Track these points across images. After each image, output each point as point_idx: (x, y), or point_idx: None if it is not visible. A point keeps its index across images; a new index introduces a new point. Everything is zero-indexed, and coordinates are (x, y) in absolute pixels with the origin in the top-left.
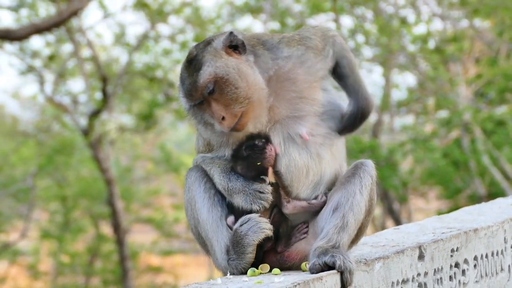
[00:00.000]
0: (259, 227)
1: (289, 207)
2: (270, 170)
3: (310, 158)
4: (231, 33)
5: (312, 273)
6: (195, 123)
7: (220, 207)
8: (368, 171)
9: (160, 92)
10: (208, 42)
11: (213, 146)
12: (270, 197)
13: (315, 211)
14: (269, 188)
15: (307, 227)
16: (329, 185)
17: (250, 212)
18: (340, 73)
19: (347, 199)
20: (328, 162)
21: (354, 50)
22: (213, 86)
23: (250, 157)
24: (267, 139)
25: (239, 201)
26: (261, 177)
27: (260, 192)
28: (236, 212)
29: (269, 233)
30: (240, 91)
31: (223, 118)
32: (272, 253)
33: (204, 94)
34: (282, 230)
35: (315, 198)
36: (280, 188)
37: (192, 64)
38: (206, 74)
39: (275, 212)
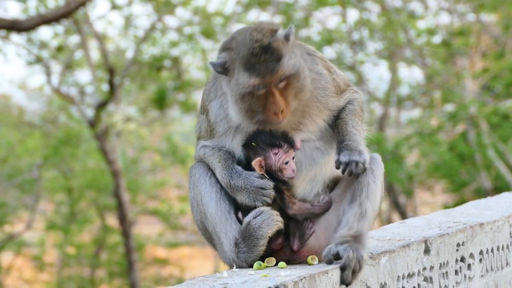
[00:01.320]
0: (272, 220)
1: (294, 208)
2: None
3: (304, 156)
4: (290, 27)
5: (324, 260)
6: (236, 103)
7: (228, 201)
8: (378, 163)
9: (173, 79)
10: (271, 32)
11: (216, 133)
12: (272, 192)
13: (319, 213)
14: (271, 183)
15: (311, 222)
16: (327, 182)
17: (255, 207)
18: (340, 117)
19: (361, 189)
20: (324, 164)
21: (359, 43)
22: (287, 79)
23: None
24: (290, 144)
25: (242, 198)
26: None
27: (263, 189)
28: (240, 206)
29: (281, 225)
30: (305, 88)
31: (281, 111)
32: (283, 251)
33: (276, 84)
34: (292, 226)
35: (317, 196)
36: (285, 190)
37: (269, 52)
38: (288, 66)
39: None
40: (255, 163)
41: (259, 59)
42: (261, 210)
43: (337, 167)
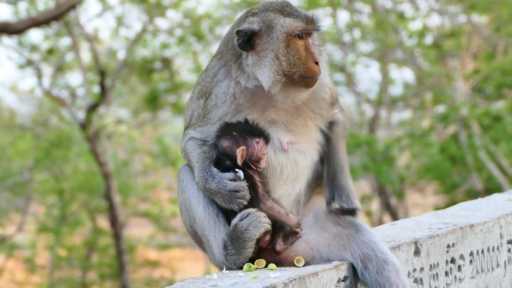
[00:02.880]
0: (259, 222)
1: (266, 205)
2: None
3: (285, 159)
4: None
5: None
6: (276, 59)
7: (216, 204)
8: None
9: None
10: None
11: (209, 119)
12: (247, 194)
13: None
14: (244, 185)
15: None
16: (309, 184)
17: (231, 210)
18: (331, 141)
19: None
20: (306, 166)
21: (351, 44)
22: (318, 30)
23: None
24: (265, 138)
25: (217, 201)
26: (236, 170)
27: (236, 191)
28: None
29: (268, 227)
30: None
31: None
32: (269, 252)
33: (315, 26)
34: (278, 226)
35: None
36: (260, 185)
37: (295, 7)
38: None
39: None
40: (239, 151)
41: (291, 8)
42: (247, 212)
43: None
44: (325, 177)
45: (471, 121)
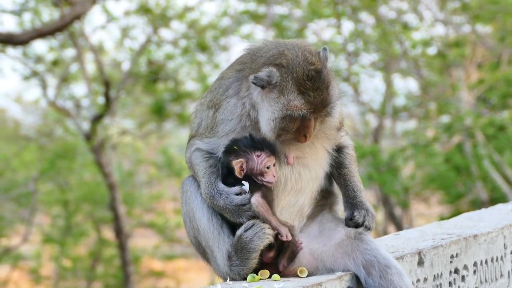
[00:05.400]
0: (264, 233)
1: (259, 202)
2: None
3: (290, 172)
4: (325, 49)
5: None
6: (274, 120)
7: (220, 215)
8: None
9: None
10: (318, 54)
11: (217, 132)
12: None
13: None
14: (250, 197)
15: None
16: (314, 195)
17: (240, 223)
18: (344, 164)
19: None
20: (310, 180)
21: (354, 54)
22: (324, 116)
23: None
24: (271, 149)
25: (226, 216)
26: (242, 182)
27: (243, 205)
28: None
29: (272, 239)
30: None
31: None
32: (273, 266)
33: (322, 114)
34: (285, 246)
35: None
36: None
37: (322, 77)
38: (334, 98)
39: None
40: (235, 163)
41: (313, 84)
42: (252, 223)
43: (350, 224)
44: (343, 195)
45: (475, 131)
